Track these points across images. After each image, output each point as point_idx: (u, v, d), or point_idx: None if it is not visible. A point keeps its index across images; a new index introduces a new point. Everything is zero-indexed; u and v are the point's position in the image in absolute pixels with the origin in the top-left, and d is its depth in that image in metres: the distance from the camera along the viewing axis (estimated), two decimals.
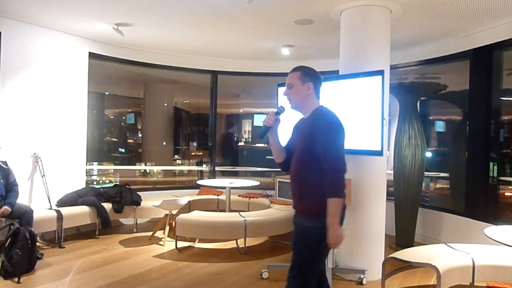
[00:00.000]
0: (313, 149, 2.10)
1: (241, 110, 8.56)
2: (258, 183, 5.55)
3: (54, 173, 4.98)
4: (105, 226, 5.02)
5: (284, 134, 2.42)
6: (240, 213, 4.70)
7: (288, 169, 2.33)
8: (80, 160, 5.40)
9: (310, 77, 2.24)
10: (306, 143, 2.15)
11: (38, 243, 4.17)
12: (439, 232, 4.96)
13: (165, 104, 7.98)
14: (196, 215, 4.58)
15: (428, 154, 5.40)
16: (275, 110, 2.31)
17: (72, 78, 5.25)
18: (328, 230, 2.06)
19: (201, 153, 8.05)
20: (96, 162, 6.43)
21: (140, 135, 8.09)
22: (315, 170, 2.09)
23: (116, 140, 8.07)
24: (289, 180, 3.78)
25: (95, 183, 6.33)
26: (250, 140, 8.42)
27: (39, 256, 4.05)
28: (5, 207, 3.99)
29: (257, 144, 8.14)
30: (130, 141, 8.32)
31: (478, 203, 4.58)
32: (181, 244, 4.68)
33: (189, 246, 4.76)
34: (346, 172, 2.13)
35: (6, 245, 3.63)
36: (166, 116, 7.94)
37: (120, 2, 4.02)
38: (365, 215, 3.78)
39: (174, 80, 7.38)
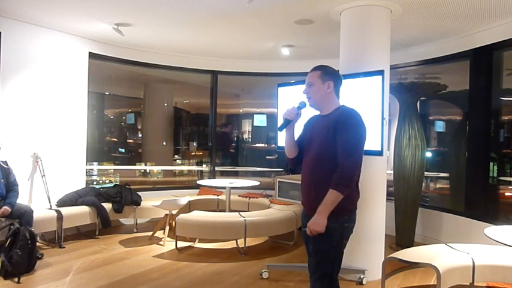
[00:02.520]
0: (335, 146, 2.10)
1: (241, 110, 8.55)
2: (258, 183, 5.55)
3: (54, 173, 4.98)
4: (105, 226, 5.02)
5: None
6: (240, 213, 4.70)
7: (298, 165, 2.33)
8: (80, 160, 5.40)
9: (331, 75, 2.26)
10: (329, 139, 2.12)
11: (38, 243, 4.17)
12: (439, 232, 4.96)
13: (165, 104, 7.98)
14: (196, 215, 4.58)
15: (428, 154, 5.39)
16: (296, 104, 2.30)
17: (72, 78, 5.25)
18: (315, 216, 2.08)
19: (201, 153, 8.05)
20: (96, 162, 6.42)
21: (140, 135, 8.09)
22: (337, 167, 2.09)
23: (116, 140, 8.07)
24: (289, 180, 3.79)
25: (95, 183, 6.33)
26: (250, 140, 8.41)
27: (39, 256, 4.05)
28: (5, 207, 3.99)
29: (257, 144, 8.14)
30: (130, 141, 8.31)
31: (478, 203, 4.58)
32: (181, 244, 4.68)
33: (189, 246, 4.76)
34: (359, 172, 2.15)
35: (6, 245, 3.63)
36: (166, 116, 7.94)
37: (120, 2, 4.02)
38: (365, 215, 3.77)
39: (174, 80, 7.38)
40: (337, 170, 2.06)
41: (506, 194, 4.78)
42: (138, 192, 5.46)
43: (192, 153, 8.41)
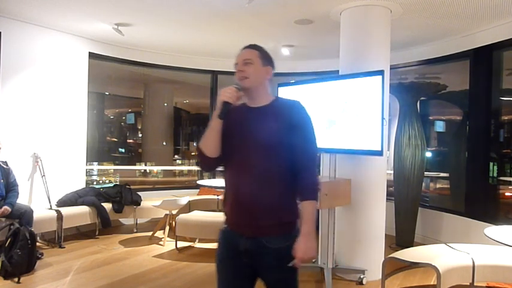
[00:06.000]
0: (289, 144, 1.70)
1: None
2: None
3: (54, 173, 4.98)
4: (105, 226, 5.02)
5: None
6: None
7: (217, 167, 1.87)
8: (80, 160, 5.40)
9: (269, 61, 1.89)
10: (282, 138, 1.71)
11: (38, 243, 4.17)
12: (439, 232, 4.96)
13: (165, 104, 7.98)
14: (196, 215, 4.58)
15: (428, 154, 5.40)
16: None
17: (72, 78, 5.25)
18: (304, 240, 1.65)
19: None
20: (96, 162, 6.43)
21: (140, 135, 8.10)
22: (290, 171, 1.71)
23: (116, 140, 8.09)
24: None
25: (95, 183, 6.33)
26: None
27: (39, 256, 4.05)
28: (5, 207, 3.99)
29: None
30: (130, 141, 8.33)
31: (478, 203, 4.58)
32: (181, 244, 4.68)
33: (189, 246, 4.76)
34: None
35: (6, 245, 3.63)
36: (166, 116, 7.94)
37: (120, 2, 4.02)
38: (365, 215, 3.78)
39: (174, 80, 7.38)
40: (303, 177, 1.70)
41: (506, 194, 4.78)
42: (138, 192, 5.46)
43: (192, 153, 8.42)
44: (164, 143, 7.88)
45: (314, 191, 1.71)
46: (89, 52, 5.45)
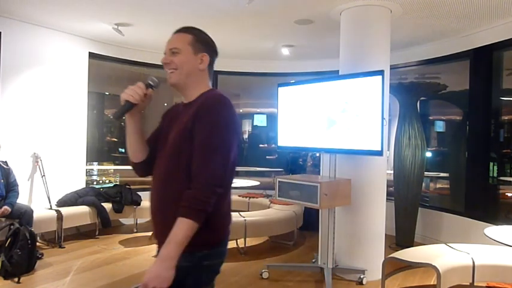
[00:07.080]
0: (191, 148, 1.41)
1: (241, 110, 8.55)
2: (258, 183, 5.55)
3: (54, 173, 4.98)
4: (105, 226, 5.02)
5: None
6: (240, 213, 4.70)
7: (147, 172, 1.60)
8: (80, 160, 5.40)
9: (206, 46, 1.62)
10: (186, 139, 1.42)
11: (38, 243, 4.17)
12: (439, 232, 4.96)
13: (165, 104, 7.97)
14: None
15: (428, 154, 5.40)
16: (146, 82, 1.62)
17: (72, 78, 5.25)
18: (158, 263, 1.30)
19: None
20: (96, 162, 6.42)
21: None
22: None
23: (116, 140, 8.07)
24: (289, 180, 3.77)
25: (95, 183, 6.33)
26: (250, 140, 8.41)
27: (39, 256, 4.05)
28: (5, 207, 3.99)
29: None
30: None
31: (478, 203, 4.58)
32: None
33: None
34: (227, 194, 1.51)
35: (6, 245, 3.63)
36: None
37: (120, 2, 4.02)
38: (365, 215, 3.78)
39: None
40: (192, 185, 1.36)
41: (506, 194, 4.78)
42: (138, 192, 5.45)
43: None
44: None
45: (190, 207, 1.32)
46: (89, 52, 5.45)
